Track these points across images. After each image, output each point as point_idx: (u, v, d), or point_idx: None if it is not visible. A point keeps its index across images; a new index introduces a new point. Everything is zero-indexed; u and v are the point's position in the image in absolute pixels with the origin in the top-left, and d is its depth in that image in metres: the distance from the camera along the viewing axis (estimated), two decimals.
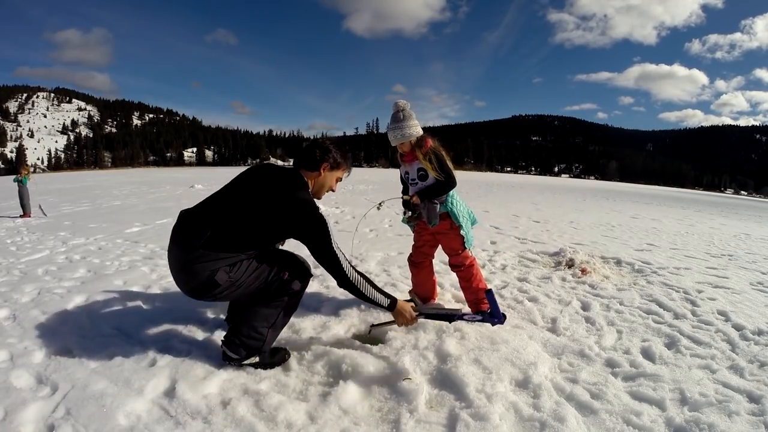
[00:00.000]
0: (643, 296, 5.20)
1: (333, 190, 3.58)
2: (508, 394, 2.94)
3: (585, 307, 4.82)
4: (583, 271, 6.10)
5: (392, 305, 3.36)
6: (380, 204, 4.64)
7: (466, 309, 4.38)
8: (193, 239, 2.98)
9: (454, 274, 4.50)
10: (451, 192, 4.17)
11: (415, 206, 4.17)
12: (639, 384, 3.16)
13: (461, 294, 4.66)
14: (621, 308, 4.77)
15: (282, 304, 3.27)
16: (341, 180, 3.63)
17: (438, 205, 4.13)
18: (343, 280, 3.16)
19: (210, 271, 2.96)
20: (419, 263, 4.60)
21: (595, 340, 3.92)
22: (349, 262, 3.18)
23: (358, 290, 3.19)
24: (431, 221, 4.18)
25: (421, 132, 4.10)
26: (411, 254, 4.67)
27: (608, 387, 3.07)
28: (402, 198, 4.31)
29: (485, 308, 4.10)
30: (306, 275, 3.43)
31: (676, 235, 10.88)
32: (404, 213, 4.34)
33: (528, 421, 2.68)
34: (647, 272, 6.32)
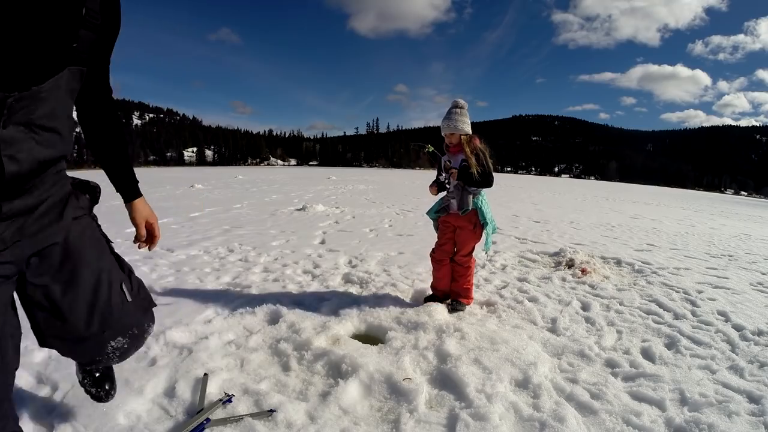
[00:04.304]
0: (643, 296, 5.22)
1: None
2: (508, 394, 2.94)
3: (585, 307, 4.84)
4: (583, 271, 6.11)
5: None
6: (429, 147, 4.73)
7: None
8: None
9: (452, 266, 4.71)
10: (483, 193, 4.48)
11: (451, 177, 4.34)
12: (639, 384, 3.17)
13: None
14: (621, 308, 4.79)
15: None
16: None
17: (471, 196, 4.35)
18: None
19: None
20: (441, 261, 4.70)
21: (595, 341, 3.93)
22: None
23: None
24: (462, 207, 4.36)
25: (470, 131, 4.38)
26: (434, 251, 4.78)
27: (608, 387, 3.08)
28: (445, 167, 4.44)
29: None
30: None
31: (676, 235, 10.89)
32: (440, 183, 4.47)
33: (528, 421, 2.69)
34: (647, 272, 6.33)
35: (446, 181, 4.40)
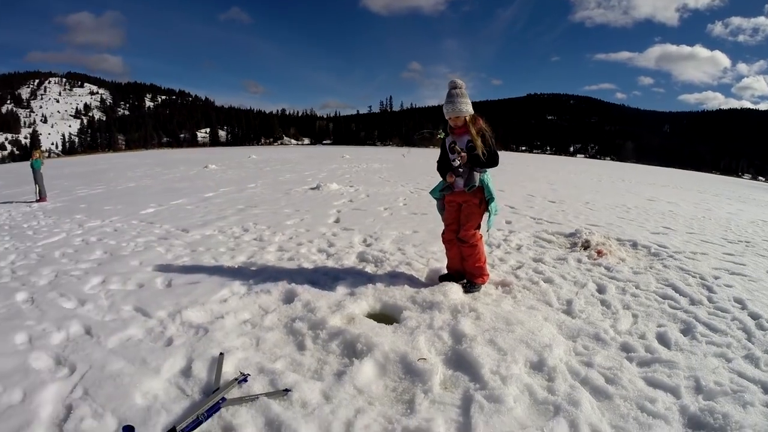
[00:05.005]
0: (660, 280, 5.12)
1: None
2: (522, 377, 2.93)
3: (601, 289, 4.77)
4: (599, 252, 6.04)
5: None
6: (440, 132, 4.72)
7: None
8: None
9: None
10: (488, 172, 4.47)
11: (461, 161, 4.29)
12: (654, 370, 3.12)
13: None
14: (637, 292, 4.70)
15: None
16: None
17: (477, 174, 4.35)
18: None
19: None
20: (450, 240, 4.69)
21: (610, 324, 3.88)
22: None
23: None
24: (468, 184, 4.35)
25: (472, 110, 4.36)
26: (443, 232, 4.78)
27: (623, 372, 3.04)
28: (451, 149, 4.39)
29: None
30: None
31: (692, 219, 10.67)
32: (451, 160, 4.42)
33: (542, 404, 2.67)
34: (663, 256, 6.22)
35: (455, 162, 4.35)
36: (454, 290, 4.33)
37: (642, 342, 3.55)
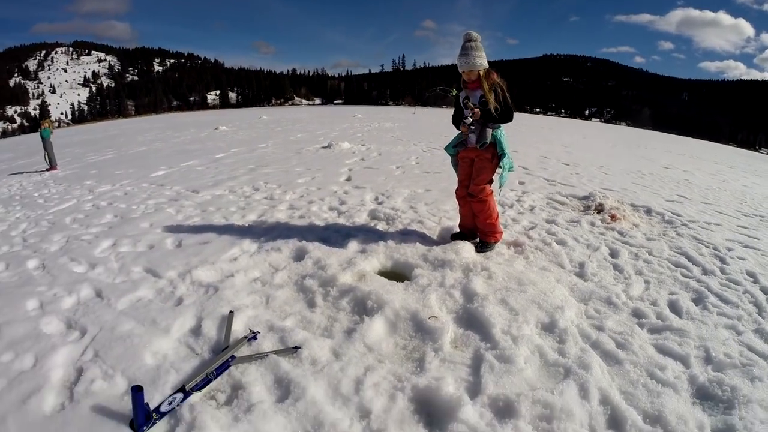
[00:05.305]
0: (673, 248, 5.02)
1: None
2: (533, 338, 2.90)
3: (613, 254, 4.69)
4: (613, 217, 5.93)
5: None
6: (452, 91, 4.62)
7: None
8: None
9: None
10: (502, 128, 4.37)
11: (474, 117, 4.21)
12: (665, 338, 3.07)
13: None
14: (650, 258, 4.61)
15: None
16: None
17: (490, 130, 4.24)
18: None
19: None
20: (463, 197, 4.61)
21: (622, 288, 3.82)
22: None
23: None
24: (480, 140, 4.25)
25: (487, 65, 4.21)
26: (457, 189, 4.71)
27: (634, 338, 3.01)
28: (464, 104, 4.31)
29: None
30: None
31: (708, 189, 10.41)
32: (464, 121, 4.33)
33: (553, 366, 2.65)
34: (677, 224, 6.09)
35: (468, 118, 4.25)
36: (467, 249, 4.27)
37: (653, 309, 3.49)
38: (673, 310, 3.52)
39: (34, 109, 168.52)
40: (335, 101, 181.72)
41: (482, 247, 4.46)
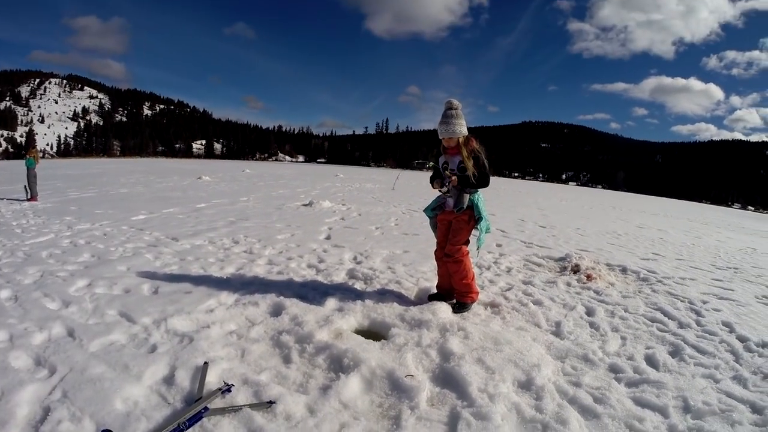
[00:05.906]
0: (648, 304, 5.16)
1: None
2: (510, 395, 2.91)
3: (590, 312, 4.78)
4: (589, 277, 6.05)
5: None
6: (429, 164, 4.81)
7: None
8: None
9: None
10: (480, 192, 4.51)
11: (451, 184, 4.33)
12: (642, 390, 3.12)
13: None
14: (626, 315, 4.73)
15: None
16: None
17: (467, 196, 4.37)
18: None
19: None
20: (441, 258, 4.68)
21: (599, 345, 3.89)
22: None
23: None
24: (458, 205, 4.37)
25: (466, 132, 4.38)
26: (435, 250, 4.80)
27: (611, 392, 3.04)
28: (443, 168, 4.46)
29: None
30: None
31: (682, 246, 10.77)
32: (441, 185, 4.47)
33: (530, 422, 2.65)
34: (652, 281, 6.27)
35: (446, 184, 4.37)
36: (443, 309, 4.31)
37: (630, 363, 3.56)
38: (650, 364, 3.60)
39: (21, 135, 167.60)
40: (318, 160, 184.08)
41: (459, 307, 4.49)
